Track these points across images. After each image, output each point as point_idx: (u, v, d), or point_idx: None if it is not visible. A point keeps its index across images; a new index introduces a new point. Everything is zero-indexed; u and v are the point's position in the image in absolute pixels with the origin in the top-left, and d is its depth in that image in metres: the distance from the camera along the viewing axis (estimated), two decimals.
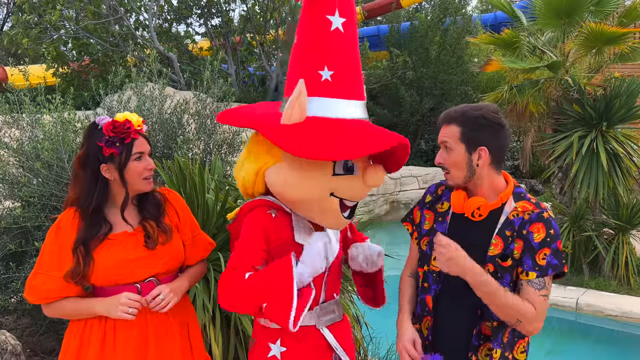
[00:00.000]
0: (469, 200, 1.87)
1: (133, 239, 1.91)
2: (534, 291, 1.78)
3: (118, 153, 1.85)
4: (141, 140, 1.90)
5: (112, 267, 1.85)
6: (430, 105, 12.41)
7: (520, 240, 1.81)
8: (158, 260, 1.92)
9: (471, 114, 1.84)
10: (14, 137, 3.62)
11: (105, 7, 11.53)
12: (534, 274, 1.77)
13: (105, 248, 1.86)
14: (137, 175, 1.88)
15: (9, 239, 3.37)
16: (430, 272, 1.95)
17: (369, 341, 3.52)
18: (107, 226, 1.89)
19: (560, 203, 6.76)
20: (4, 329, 3.14)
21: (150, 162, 1.92)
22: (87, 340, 1.88)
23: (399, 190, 10.18)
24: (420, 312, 1.98)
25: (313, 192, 1.77)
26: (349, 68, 1.80)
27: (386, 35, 13.24)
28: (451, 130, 1.86)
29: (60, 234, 1.88)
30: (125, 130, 1.85)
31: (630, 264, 6.16)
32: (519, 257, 1.80)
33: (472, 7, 24.47)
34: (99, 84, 4.33)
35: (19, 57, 15.39)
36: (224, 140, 4.32)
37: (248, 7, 13.25)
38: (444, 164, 1.89)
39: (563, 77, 6.40)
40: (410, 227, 2.12)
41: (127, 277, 1.88)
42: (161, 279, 1.95)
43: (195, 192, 2.83)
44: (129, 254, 1.88)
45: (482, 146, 1.82)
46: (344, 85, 1.78)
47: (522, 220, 1.82)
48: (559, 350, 4.93)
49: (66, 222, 1.89)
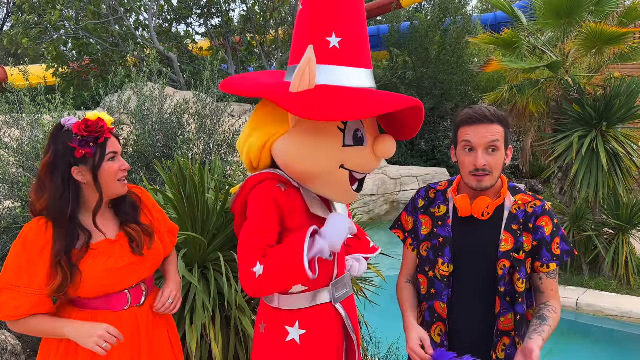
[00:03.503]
0: (476, 202, 1.87)
1: (117, 246, 1.85)
2: (552, 282, 1.87)
3: (92, 154, 1.75)
4: (113, 140, 1.82)
5: (101, 277, 1.78)
6: (430, 105, 12.40)
7: (528, 233, 1.84)
8: (145, 264, 1.88)
9: (504, 115, 1.87)
10: (14, 137, 3.62)
11: (105, 7, 11.52)
12: (554, 264, 1.84)
13: (90, 259, 1.78)
14: (111, 176, 1.79)
15: (9, 239, 3.37)
16: (437, 278, 1.93)
17: (369, 341, 3.52)
18: (86, 234, 1.79)
19: (560, 203, 6.76)
20: (4, 329, 3.14)
21: (124, 162, 1.83)
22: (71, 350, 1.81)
23: (399, 190, 10.18)
24: (430, 319, 1.96)
25: (322, 163, 1.71)
26: (357, 35, 1.74)
27: (386, 35, 13.22)
28: (499, 130, 1.83)
29: (28, 246, 1.73)
30: (98, 129, 1.76)
31: (630, 264, 6.16)
32: (531, 250, 1.84)
33: (472, 7, 24.47)
34: (99, 84, 4.34)
35: (19, 57, 15.39)
36: (224, 140, 4.32)
37: (248, 7, 13.25)
38: (489, 166, 1.82)
39: (563, 77, 6.40)
40: (401, 234, 2.10)
41: (116, 286, 1.83)
42: (146, 283, 1.92)
43: (195, 192, 2.83)
44: (117, 262, 1.81)
45: (510, 145, 1.88)
46: (352, 52, 1.72)
47: (526, 213, 1.86)
48: (559, 350, 4.92)
49: (35, 234, 1.74)
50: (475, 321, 1.88)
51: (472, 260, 1.89)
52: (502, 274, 1.83)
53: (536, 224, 1.84)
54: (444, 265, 1.90)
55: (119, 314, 1.84)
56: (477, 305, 1.88)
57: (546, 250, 1.84)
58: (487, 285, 1.86)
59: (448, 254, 1.90)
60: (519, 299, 1.84)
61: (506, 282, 1.84)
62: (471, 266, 1.89)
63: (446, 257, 1.90)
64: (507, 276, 1.84)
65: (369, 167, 1.78)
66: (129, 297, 1.86)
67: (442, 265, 1.90)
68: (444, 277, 1.91)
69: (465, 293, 1.90)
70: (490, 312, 1.86)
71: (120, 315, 1.85)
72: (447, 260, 1.90)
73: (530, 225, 1.84)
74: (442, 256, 1.91)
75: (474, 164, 1.81)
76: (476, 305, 1.89)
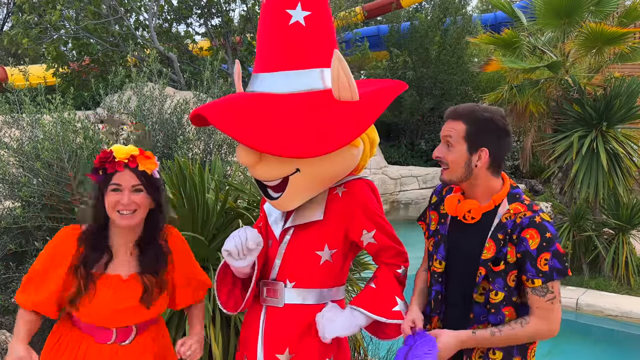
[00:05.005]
0: (461, 203, 1.86)
1: (124, 287, 1.86)
2: (538, 299, 1.76)
3: (97, 182, 1.86)
4: (124, 173, 1.84)
5: (97, 309, 1.82)
6: (430, 105, 12.40)
7: (512, 245, 1.78)
8: (143, 313, 1.89)
9: (480, 114, 1.82)
10: (14, 137, 3.62)
11: (105, 7, 11.51)
12: (539, 280, 1.74)
13: (100, 285, 1.83)
14: (110, 207, 1.83)
15: (9, 239, 3.37)
16: (433, 273, 1.95)
17: (369, 341, 3.52)
18: (109, 254, 1.86)
19: (560, 203, 6.76)
20: (4, 329, 3.14)
21: (126, 197, 1.82)
22: None
23: (399, 190, 10.17)
24: (429, 313, 1.98)
25: None
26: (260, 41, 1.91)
27: (386, 35, 13.23)
28: (456, 127, 1.83)
29: (56, 248, 1.89)
30: (105, 160, 1.84)
31: (630, 264, 6.16)
32: (516, 262, 1.78)
33: (472, 7, 24.44)
34: (99, 84, 4.33)
35: (19, 57, 15.38)
36: (224, 140, 4.32)
37: (248, 7, 13.23)
38: (443, 159, 1.86)
39: (563, 77, 6.40)
40: (424, 226, 2.12)
41: (107, 323, 1.86)
42: (138, 325, 1.92)
43: (195, 192, 2.83)
44: (118, 304, 1.84)
45: (484, 147, 1.80)
46: (259, 58, 1.91)
47: (514, 224, 1.78)
48: (559, 350, 4.92)
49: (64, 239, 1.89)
50: (456, 322, 1.88)
51: (460, 262, 1.89)
52: (477, 281, 1.82)
53: (520, 235, 1.76)
54: (437, 262, 1.92)
55: (99, 346, 1.87)
56: (460, 306, 1.89)
57: (530, 265, 1.75)
58: (468, 289, 1.85)
59: (442, 251, 1.92)
60: (491, 310, 1.80)
61: (483, 289, 1.82)
62: (458, 267, 1.89)
63: (439, 255, 1.92)
64: (482, 284, 1.81)
65: (250, 171, 1.94)
66: (114, 335, 1.88)
67: (436, 261, 1.93)
68: (435, 273, 1.93)
69: (453, 293, 1.91)
70: (467, 316, 1.86)
71: (100, 347, 1.87)
72: (440, 257, 1.92)
73: (514, 237, 1.78)
74: (437, 253, 1.93)
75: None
76: (459, 305, 1.89)
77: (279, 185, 1.88)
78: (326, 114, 1.76)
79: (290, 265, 1.97)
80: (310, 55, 1.86)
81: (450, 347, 1.77)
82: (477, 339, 1.79)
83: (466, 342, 1.79)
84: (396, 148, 12.94)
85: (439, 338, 1.78)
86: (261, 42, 1.91)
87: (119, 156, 1.83)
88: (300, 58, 1.84)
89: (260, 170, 1.86)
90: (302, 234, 1.96)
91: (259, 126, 1.72)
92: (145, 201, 1.87)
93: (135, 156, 1.86)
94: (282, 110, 1.77)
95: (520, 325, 1.77)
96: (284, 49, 1.84)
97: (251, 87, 1.93)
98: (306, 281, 1.97)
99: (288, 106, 1.78)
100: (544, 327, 1.77)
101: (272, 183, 1.88)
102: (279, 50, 1.85)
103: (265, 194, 1.95)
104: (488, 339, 1.77)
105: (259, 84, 1.89)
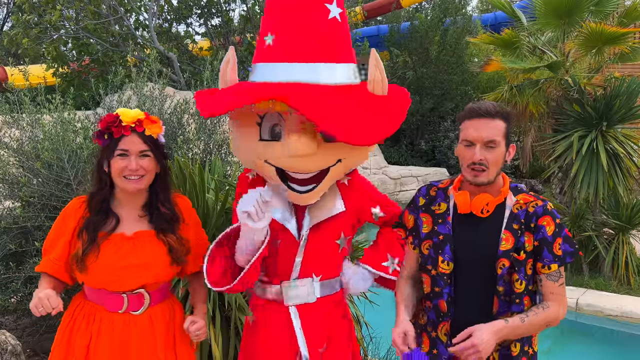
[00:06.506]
0: (476, 198, 1.87)
1: (128, 244, 1.83)
2: (552, 284, 1.83)
3: (103, 146, 1.83)
4: (131, 138, 1.81)
5: (101, 269, 1.79)
6: (430, 105, 12.41)
7: (529, 233, 1.83)
8: (150, 271, 1.84)
9: (507, 110, 1.85)
10: (14, 137, 3.62)
11: (105, 7, 11.51)
12: (555, 265, 1.81)
13: (104, 246, 1.80)
14: (116, 172, 1.81)
15: (9, 239, 3.36)
16: (440, 276, 1.92)
17: (369, 341, 3.51)
18: (114, 219, 1.84)
19: (560, 203, 6.75)
20: (4, 329, 3.14)
21: (133, 162, 1.80)
22: (72, 345, 1.85)
23: (399, 190, 10.18)
24: (436, 319, 1.96)
25: (245, 155, 1.91)
26: (292, 30, 1.80)
27: (386, 35, 13.24)
28: (497, 126, 1.82)
29: (63, 218, 1.90)
30: (111, 124, 1.80)
31: (630, 264, 6.15)
32: (533, 251, 1.83)
33: (472, 7, 24.46)
34: (99, 84, 4.33)
35: (19, 57, 15.38)
36: (224, 140, 4.32)
37: (248, 7, 13.24)
38: (486, 162, 1.81)
39: (563, 77, 6.40)
40: (402, 232, 2.10)
41: (112, 285, 1.82)
42: (150, 291, 1.88)
43: (195, 192, 2.83)
44: (119, 260, 1.80)
45: (512, 143, 1.86)
46: (285, 48, 1.80)
47: (527, 213, 1.84)
48: (559, 350, 4.92)
49: (70, 208, 1.90)
50: (474, 320, 1.87)
51: (472, 259, 1.88)
52: (501, 273, 1.83)
53: (537, 223, 1.82)
54: (444, 263, 1.90)
55: (111, 315, 1.83)
56: (476, 303, 1.88)
57: (547, 251, 1.82)
58: (486, 284, 1.86)
59: (448, 252, 1.90)
60: (515, 300, 1.83)
61: (505, 281, 1.84)
62: (470, 264, 1.89)
63: (446, 255, 1.90)
64: (505, 275, 1.83)
65: (285, 164, 1.81)
66: (126, 302, 1.84)
67: (442, 263, 1.90)
68: (444, 275, 1.91)
69: (465, 291, 1.90)
70: (488, 312, 1.86)
71: (112, 316, 1.84)
72: (447, 258, 1.90)
73: (531, 224, 1.83)
74: (442, 254, 1.91)
75: (472, 159, 1.82)
76: (475, 303, 1.89)
77: (314, 177, 1.84)
78: (374, 105, 1.81)
79: (314, 260, 1.96)
80: (349, 50, 1.91)
81: (490, 341, 1.74)
82: (511, 327, 1.78)
83: (501, 331, 1.77)
84: (396, 148, 12.95)
85: (475, 333, 1.74)
86: (291, 32, 1.81)
87: (125, 120, 1.80)
88: (343, 52, 1.87)
89: (309, 161, 1.79)
90: (323, 227, 1.96)
91: (349, 118, 1.71)
92: (153, 166, 1.85)
93: (141, 120, 1.84)
94: (350, 101, 1.78)
95: (543, 310, 1.82)
96: (328, 41, 1.82)
97: (272, 75, 1.81)
98: (331, 271, 2.01)
99: (352, 97, 1.80)
100: (561, 311, 1.83)
101: (308, 175, 1.84)
102: (322, 42, 1.81)
103: (290, 188, 1.88)
104: (519, 326, 1.79)
105: (285, 72, 1.79)
